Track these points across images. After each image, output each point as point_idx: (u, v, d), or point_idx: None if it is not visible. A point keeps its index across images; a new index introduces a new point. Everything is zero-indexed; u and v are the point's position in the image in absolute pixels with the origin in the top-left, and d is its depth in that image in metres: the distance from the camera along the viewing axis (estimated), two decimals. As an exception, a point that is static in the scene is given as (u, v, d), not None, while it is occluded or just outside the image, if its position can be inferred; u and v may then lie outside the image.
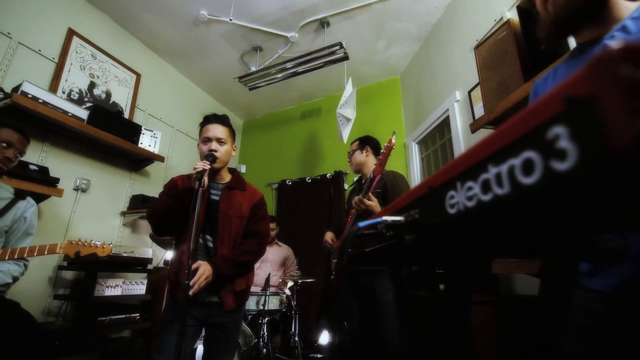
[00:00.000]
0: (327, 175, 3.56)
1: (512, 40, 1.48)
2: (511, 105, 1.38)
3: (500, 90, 1.54)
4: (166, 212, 1.27)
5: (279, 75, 3.03)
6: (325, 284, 3.08)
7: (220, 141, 1.37)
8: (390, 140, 1.20)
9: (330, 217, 3.38)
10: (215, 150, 1.33)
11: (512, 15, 1.84)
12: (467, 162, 0.31)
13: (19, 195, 1.43)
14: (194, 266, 1.13)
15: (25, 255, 1.16)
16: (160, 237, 1.56)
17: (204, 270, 1.17)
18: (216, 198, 1.39)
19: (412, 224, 0.42)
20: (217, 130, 1.37)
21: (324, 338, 2.77)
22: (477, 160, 0.30)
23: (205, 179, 1.20)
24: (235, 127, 1.80)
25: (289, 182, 3.79)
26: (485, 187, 0.28)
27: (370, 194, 1.39)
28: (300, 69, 2.90)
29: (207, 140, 1.36)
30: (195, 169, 1.20)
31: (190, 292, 1.06)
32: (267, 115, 4.44)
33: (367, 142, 2.02)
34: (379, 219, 0.44)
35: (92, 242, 1.25)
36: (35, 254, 1.17)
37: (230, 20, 2.67)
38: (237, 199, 1.42)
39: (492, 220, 0.29)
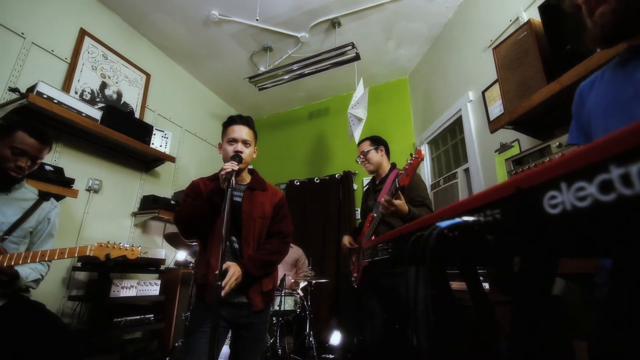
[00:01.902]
0: (336, 176, 3.56)
1: (533, 41, 1.48)
2: (534, 105, 1.39)
3: (520, 90, 1.54)
4: (195, 215, 1.27)
5: (287, 76, 3.03)
6: (335, 285, 3.08)
7: (245, 143, 1.37)
8: (420, 151, 1.19)
9: (340, 218, 3.38)
10: (241, 152, 1.33)
11: (529, 16, 1.85)
12: (576, 164, 0.32)
13: (43, 196, 1.42)
14: (223, 267, 1.13)
15: (55, 258, 1.16)
16: (188, 240, 1.56)
17: (234, 271, 1.17)
18: (238, 199, 1.38)
19: (492, 224, 0.43)
20: (242, 132, 1.37)
21: (336, 338, 2.77)
22: (592, 161, 0.30)
23: (233, 179, 1.20)
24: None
25: (297, 182, 3.79)
26: (606, 187, 0.28)
27: (399, 193, 1.39)
28: (311, 69, 2.90)
29: (233, 141, 1.36)
30: (224, 169, 1.20)
31: (222, 293, 1.06)
32: (274, 115, 4.45)
33: (380, 142, 1.99)
34: (459, 220, 0.44)
35: (121, 244, 1.24)
36: (65, 256, 1.16)
37: (257, 20, 2.67)
38: (259, 200, 1.42)
39: (614, 218, 0.29)
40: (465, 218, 0.43)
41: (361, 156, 1.98)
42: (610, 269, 0.63)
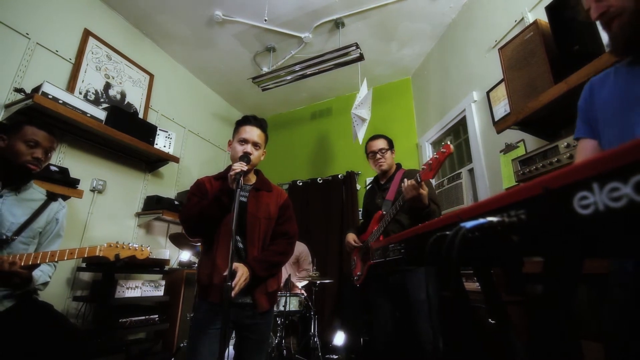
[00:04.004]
0: (339, 176, 3.56)
1: (540, 41, 1.48)
2: (542, 105, 1.39)
3: (527, 91, 1.55)
4: (202, 214, 1.26)
5: (290, 77, 3.03)
6: (338, 285, 3.08)
7: (255, 145, 1.37)
8: (448, 145, 1.15)
9: (343, 218, 3.38)
10: (250, 153, 1.33)
11: (534, 16, 1.85)
12: (609, 165, 0.32)
13: (51, 196, 1.42)
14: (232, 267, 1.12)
15: (65, 258, 1.16)
16: (193, 239, 1.55)
17: (243, 271, 1.17)
18: (244, 199, 1.38)
19: (516, 225, 0.43)
20: (254, 133, 1.37)
21: (339, 339, 2.77)
22: (627, 162, 0.30)
23: (241, 180, 1.20)
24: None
25: (299, 182, 3.79)
26: (641, 188, 0.29)
27: (424, 184, 1.38)
28: (314, 69, 2.90)
29: (244, 141, 1.36)
30: (234, 170, 1.20)
31: (233, 294, 1.06)
32: (277, 115, 4.45)
33: (392, 143, 1.98)
34: (483, 220, 0.44)
35: (130, 244, 1.24)
36: (75, 257, 1.16)
37: (265, 20, 2.67)
38: (264, 200, 1.41)
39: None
40: (490, 218, 0.43)
41: (379, 154, 1.90)
42: (633, 270, 0.63)
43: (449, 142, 1.18)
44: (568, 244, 0.39)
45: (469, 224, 0.44)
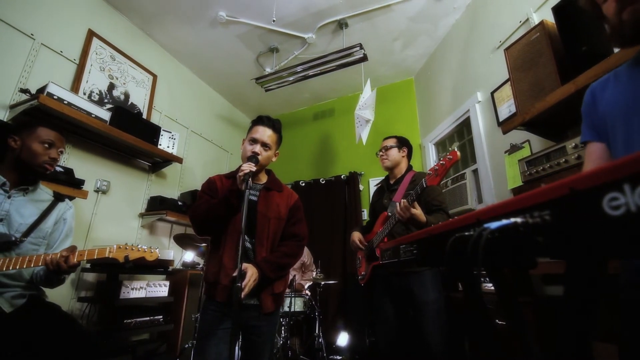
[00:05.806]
0: (342, 177, 3.56)
1: (546, 42, 1.49)
2: (549, 106, 1.39)
3: (534, 91, 1.55)
4: (211, 213, 1.27)
5: (293, 78, 3.03)
6: (342, 285, 3.07)
7: (265, 146, 1.37)
8: (454, 152, 1.12)
9: (346, 218, 3.38)
10: (259, 154, 1.33)
11: (539, 17, 1.85)
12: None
13: (58, 197, 1.42)
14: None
15: (75, 260, 1.16)
16: (201, 236, 1.56)
17: (252, 272, 1.17)
18: (254, 198, 1.38)
19: (540, 226, 0.43)
20: (265, 134, 1.37)
21: (343, 339, 2.77)
22: (661, 162, 0.30)
23: (250, 180, 1.20)
24: (246, 128, 1.82)
25: (302, 183, 3.79)
26: (679, 189, 0.28)
27: (415, 202, 1.37)
28: (318, 70, 2.90)
29: (254, 141, 1.36)
30: (242, 170, 1.20)
31: (242, 295, 1.05)
32: (279, 116, 4.44)
33: (406, 144, 1.99)
34: (508, 221, 0.44)
35: (139, 246, 1.24)
36: (84, 258, 1.16)
37: (274, 21, 2.67)
38: (274, 200, 1.41)
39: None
40: (514, 219, 0.43)
41: (382, 150, 1.97)
42: None
43: (455, 149, 1.14)
44: (596, 244, 0.39)
45: (494, 225, 0.44)
